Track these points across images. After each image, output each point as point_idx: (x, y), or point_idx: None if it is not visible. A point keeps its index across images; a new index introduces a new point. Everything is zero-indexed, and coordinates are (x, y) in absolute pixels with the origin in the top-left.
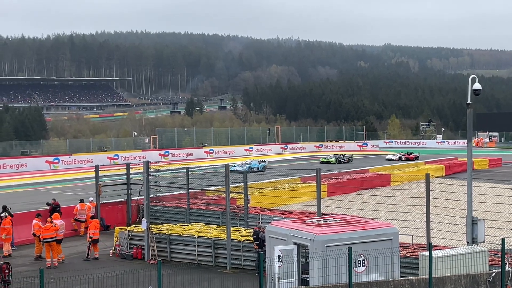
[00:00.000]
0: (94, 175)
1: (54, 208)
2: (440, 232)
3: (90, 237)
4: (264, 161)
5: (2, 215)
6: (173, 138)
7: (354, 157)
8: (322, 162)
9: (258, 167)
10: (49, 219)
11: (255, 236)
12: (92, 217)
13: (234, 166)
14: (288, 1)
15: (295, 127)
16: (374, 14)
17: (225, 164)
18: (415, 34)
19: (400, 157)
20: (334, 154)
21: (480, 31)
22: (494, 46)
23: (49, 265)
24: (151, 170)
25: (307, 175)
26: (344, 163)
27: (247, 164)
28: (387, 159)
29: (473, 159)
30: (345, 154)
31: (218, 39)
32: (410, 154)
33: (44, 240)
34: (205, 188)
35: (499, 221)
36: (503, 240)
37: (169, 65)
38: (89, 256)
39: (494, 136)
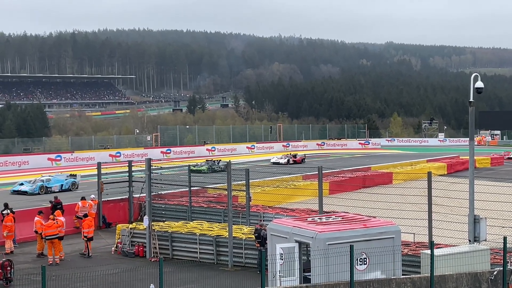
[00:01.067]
0: (96, 172)
1: (55, 206)
2: (442, 230)
3: (85, 236)
4: (75, 176)
5: (4, 212)
6: (175, 135)
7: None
8: (192, 171)
9: (62, 185)
10: (51, 216)
11: (256, 234)
12: (85, 215)
13: (22, 183)
14: None
15: (297, 125)
16: (376, 12)
17: (227, 161)
18: (417, 32)
19: (288, 160)
20: (207, 161)
21: (482, 29)
22: (496, 44)
23: (51, 262)
24: (153, 167)
25: (309, 173)
26: (219, 171)
27: (41, 181)
28: (273, 162)
29: (475, 158)
30: (220, 160)
31: (220, 37)
32: (296, 156)
33: (46, 237)
34: (207, 186)
35: (501, 219)
36: (505, 238)
37: (171, 63)
38: (90, 254)
39: (496, 135)
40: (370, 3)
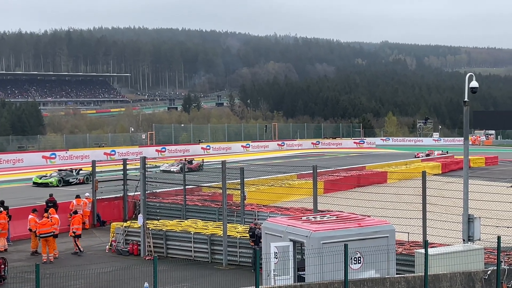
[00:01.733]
0: (90, 170)
1: (47, 204)
2: (436, 230)
3: (74, 232)
4: None
5: None
6: (170, 134)
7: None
8: (36, 184)
9: None
10: (45, 214)
11: (251, 233)
12: (75, 212)
13: None
14: None
15: (292, 124)
16: (372, 12)
17: (222, 161)
18: (412, 32)
19: (182, 168)
20: (59, 170)
21: (477, 29)
22: (491, 44)
23: (45, 260)
24: (148, 166)
25: (303, 172)
26: (76, 184)
27: None
28: (162, 170)
29: (469, 157)
30: (80, 169)
31: (215, 35)
32: (191, 162)
33: (41, 235)
34: (202, 185)
35: (495, 219)
36: (498, 238)
37: (166, 61)
38: (81, 249)
39: (490, 134)
40: (366, 2)
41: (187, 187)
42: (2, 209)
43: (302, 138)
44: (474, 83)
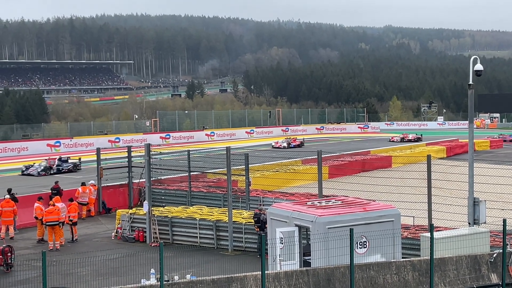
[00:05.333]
0: (95, 158)
1: (52, 191)
2: (441, 213)
3: (70, 220)
4: None
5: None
6: (174, 121)
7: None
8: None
9: None
10: (51, 202)
11: (256, 219)
12: (70, 200)
13: None
14: None
15: (296, 109)
16: None
17: (227, 147)
18: (416, 16)
19: (45, 170)
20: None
21: (481, 12)
22: (495, 27)
23: (51, 248)
24: (152, 153)
25: (308, 157)
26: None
27: None
28: (25, 173)
29: (474, 140)
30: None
31: (218, 21)
32: (66, 161)
33: (47, 223)
34: (207, 171)
35: (501, 202)
36: (504, 221)
37: (169, 48)
38: (75, 238)
39: (495, 117)
40: None
41: (192, 173)
42: (8, 196)
43: (306, 123)
44: (479, 66)
